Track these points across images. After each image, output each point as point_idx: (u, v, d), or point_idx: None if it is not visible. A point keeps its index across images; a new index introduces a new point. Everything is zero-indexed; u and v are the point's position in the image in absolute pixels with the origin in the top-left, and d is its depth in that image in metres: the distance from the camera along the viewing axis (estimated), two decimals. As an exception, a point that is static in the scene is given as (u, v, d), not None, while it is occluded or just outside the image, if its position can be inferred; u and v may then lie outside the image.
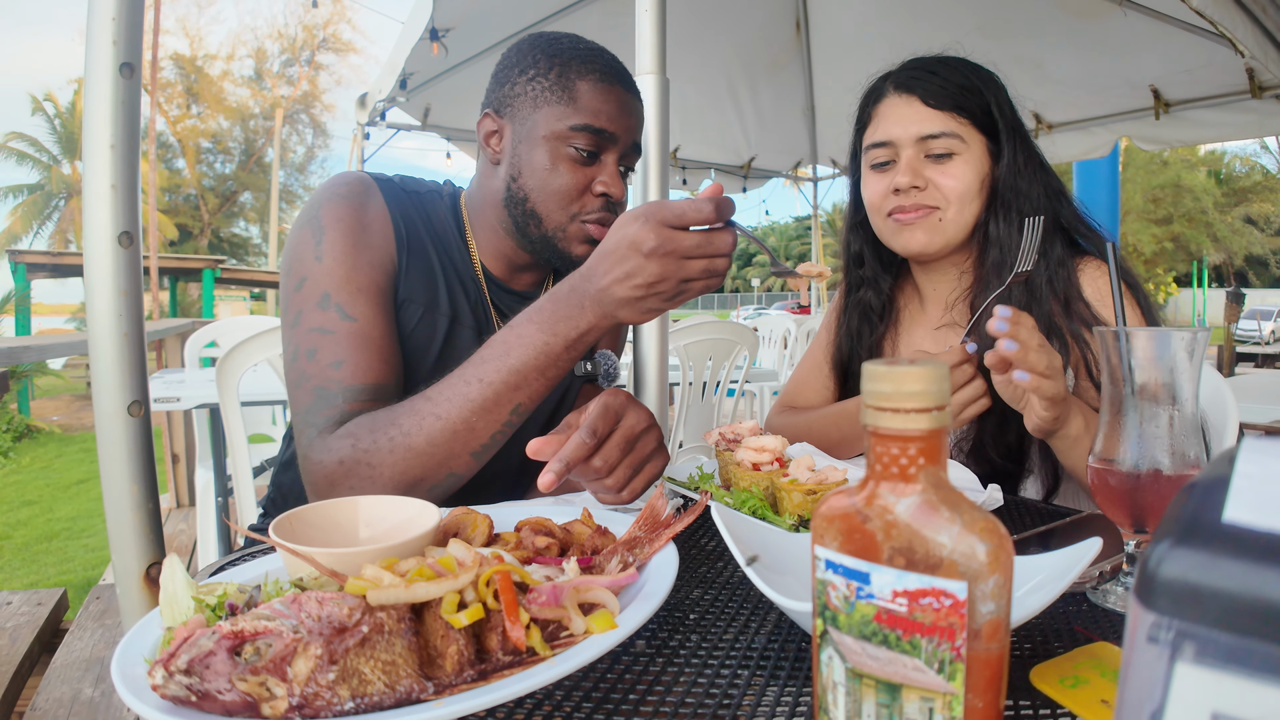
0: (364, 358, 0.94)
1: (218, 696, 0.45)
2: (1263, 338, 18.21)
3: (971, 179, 1.11)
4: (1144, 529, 0.66)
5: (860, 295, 1.30)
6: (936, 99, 1.10)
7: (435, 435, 0.86)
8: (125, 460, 0.93)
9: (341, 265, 0.96)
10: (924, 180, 1.11)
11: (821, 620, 0.39)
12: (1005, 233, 1.11)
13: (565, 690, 0.54)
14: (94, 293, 0.90)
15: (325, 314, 0.95)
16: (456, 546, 0.58)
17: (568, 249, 1.06)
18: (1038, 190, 1.12)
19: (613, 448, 0.81)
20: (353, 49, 39.68)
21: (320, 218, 0.99)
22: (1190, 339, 0.64)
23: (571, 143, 1.02)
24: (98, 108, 0.89)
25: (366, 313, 0.96)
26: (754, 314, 26.64)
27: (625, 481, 0.83)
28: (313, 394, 0.93)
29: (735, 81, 4.84)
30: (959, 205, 1.11)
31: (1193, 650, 0.25)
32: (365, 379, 0.93)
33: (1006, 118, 1.13)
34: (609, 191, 1.04)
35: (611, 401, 0.82)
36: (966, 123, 1.11)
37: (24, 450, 7.74)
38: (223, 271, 13.59)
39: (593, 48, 1.07)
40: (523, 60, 1.06)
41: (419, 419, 0.86)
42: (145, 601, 0.94)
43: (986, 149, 1.12)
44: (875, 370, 0.37)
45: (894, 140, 1.13)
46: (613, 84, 1.04)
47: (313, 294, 0.96)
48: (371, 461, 0.86)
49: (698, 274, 0.81)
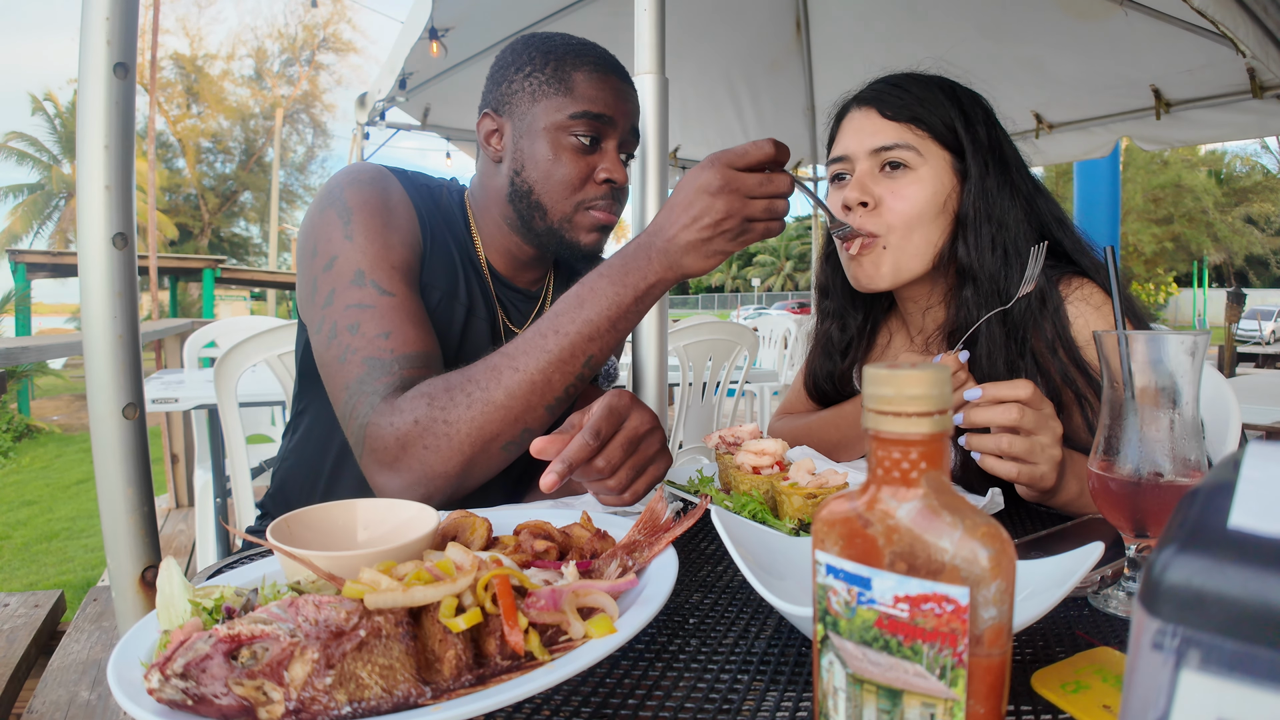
0: (410, 329, 0.95)
1: (214, 700, 0.45)
2: (1263, 338, 18.23)
3: (924, 198, 1.03)
4: (1145, 533, 0.66)
5: (825, 327, 1.26)
6: (894, 110, 1.05)
7: (514, 388, 0.87)
8: (120, 463, 0.93)
9: (374, 244, 0.97)
10: (873, 198, 1.04)
11: (822, 625, 0.39)
12: (975, 260, 1.03)
13: (564, 695, 0.53)
14: (89, 294, 0.90)
15: (363, 290, 0.95)
16: (455, 550, 0.57)
17: (575, 238, 1.08)
18: (1016, 216, 1.04)
19: (616, 449, 0.81)
20: (353, 49, 39.72)
21: (345, 199, 0.99)
22: (1191, 342, 0.64)
23: (572, 131, 1.04)
24: (92, 108, 0.88)
25: (403, 289, 0.97)
26: (754, 314, 26.66)
27: (627, 483, 0.83)
28: (364, 365, 0.92)
29: (735, 81, 4.83)
30: (904, 230, 1.03)
31: (1198, 657, 0.24)
32: (417, 347, 0.94)
33: (980, 137, 1.05)
34: (612, 177, 1.06)
35: (616, 402, 0.82)
36: (925, 135, 1.04)
37: (24, 450, 7.74)
38: (223, 271, 13.59)
39: (584, 42, 1.09)
40: (518, 59, 1.08)
41: (496, 374, 0.88)
42: (141, 605, 0.94)
43: (951, 167, 1.05)
44: (877, 374, 0.36)
45: (849, 154, 1.07)
46: (607, 73, 1.06)
47: (346, 272, 0.96)
48: (449, 419, 0.87)
49: (760, 213, 0.86)
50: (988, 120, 1.08)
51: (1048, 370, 1.01)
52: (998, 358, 1.02)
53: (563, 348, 0.88)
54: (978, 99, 1.10)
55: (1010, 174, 1.06)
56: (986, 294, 1.03)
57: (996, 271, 1.03)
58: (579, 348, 0.88)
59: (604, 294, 0.89)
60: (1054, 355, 1.00)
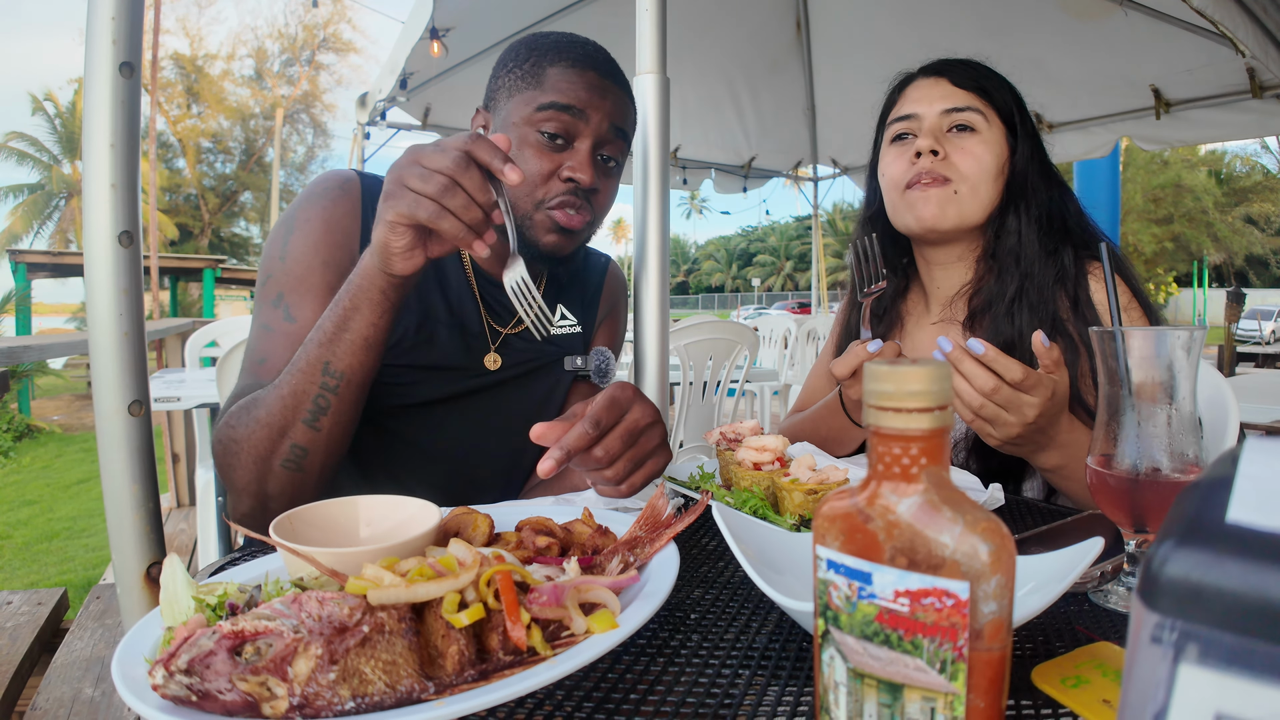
0: (282, 359, 0.96)
1: (218, 696, 0.45)
2: (1263, 337, 18.22)
3: (989, 161, 1.13)
4: (1144, 528, 0.66)
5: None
6: (963, 80, 1.15)
7: (273, 404, 0.89)
8: (125, 460, 0.93)
9: (299, 265, 1.00)
10: (943, 150, 1.13)
11: (823, 620, 0.39)
12: (1017, 227, 1.13)
13: (566, 690, 0.54)
14: (94, 292, 0.90)
15: (274, 312, 0.99)
16: (457, 546, 0.58)
17: (537, 239, 1.05)
18: (1046, 189, 1.15)
19: (615, 439, 0.82)
20: (353, 49, 39.69)
21: (294, 217, 1.02)
22: (1186, 337, 0.64)
23: (540, 127, 1.01)
24: (97, 107, 0.88)
25: (308, 316, 0.98)
26: (754, 314, 26.61)
27: (625, 475, 0.83)
28: (240, 380, 0.99)
29: (735, 81, 4.83)
30: (974, 183, 1.12)
31: (1196, 651, 0.25)
32: (272, 378, 0.95)
33: (1027, 120, 1.17)
34: (575, 176, 1.01)
35: (618, 394, 0.83)
36: (988, 106, 1.14)
37: (24, 450, 7.74)
38: (223, 271, 13.60)
39: (575, 39, 1.06)
40: (509, 57, 1.08)
41: (266, 393, 0.90)
42: (145, 601, 0.94)
43: (1005, 139, 1.15)
44: (877, 370, 0.37)
45: (918, 113, 1.16)
46: (585, 68, 1.03)
47: (271, 292, 1.00)
48: (235, 437, 0.90)
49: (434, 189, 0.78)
50: (1024, 104, 1.19)
51: (1069, 334, 1.08)
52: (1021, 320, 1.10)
53: (303, 360, 0.88)
54: (1013, 87, 1.20)
55: (1042, 151, 1.18)
56: (1023, 259, 1.12)
57: (1032, 238, 1.12)
58: (315, 356, 0.88)
59: (337, 300, 0.88)
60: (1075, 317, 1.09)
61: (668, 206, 1.45)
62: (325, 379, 0.88)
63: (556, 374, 1.20)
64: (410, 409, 1.08)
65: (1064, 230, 1.14)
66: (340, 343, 0.87)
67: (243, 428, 0.90)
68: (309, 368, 0.88)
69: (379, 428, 1.07)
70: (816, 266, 7.59)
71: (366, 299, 0.87)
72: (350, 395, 0.89)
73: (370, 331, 0.88)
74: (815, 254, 7.54)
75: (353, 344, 0.87)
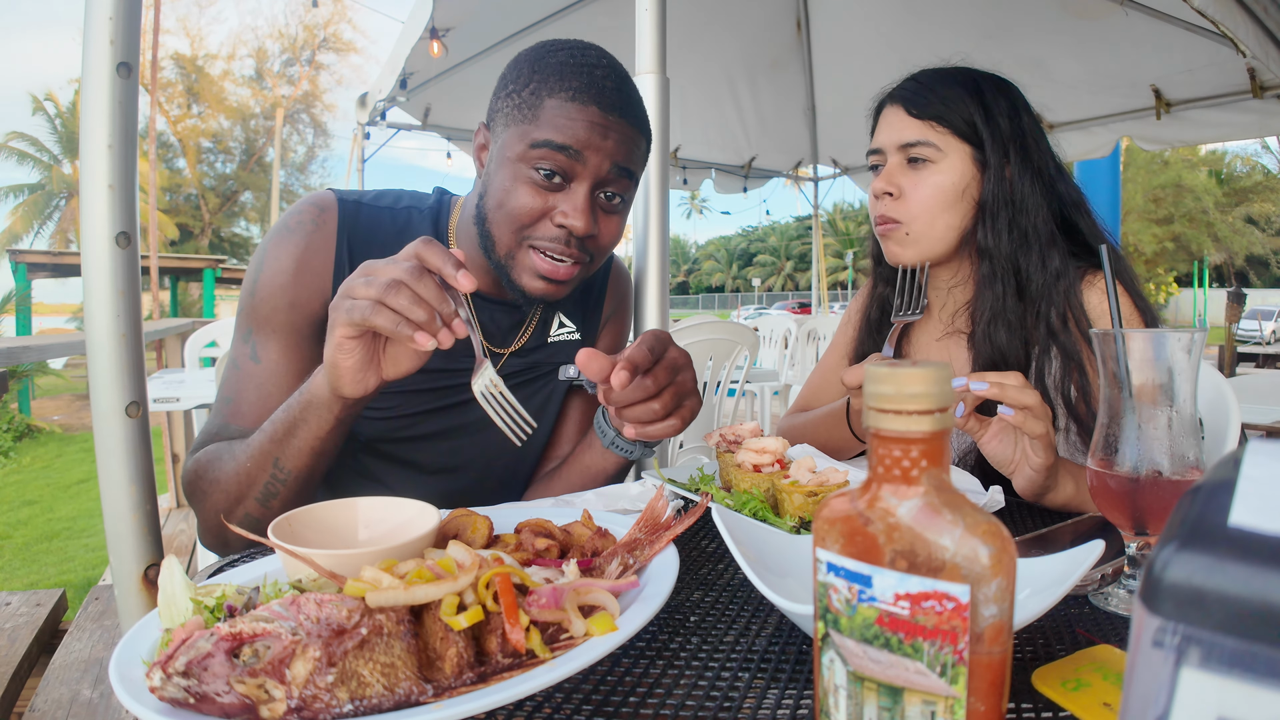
0: (248, 402, 0.98)
1: (216, 699, 0.45)
2: (1264, 338, 18.20)
3: (942, 189, 1.12)
4: (1144, 531, 0.66)
5: (881, 290, 1.33)
6: (918, 109, 1.14)
7: (229, 476, 0.89)
8: (123, 461, 0.93)
9: (265, 305, 0.99)
10: (897, 188, 1.14)
11: (823, 623, 0.39)
12: (993, 241, 1.12)
13: (565, 693, 0.54)
14: (92, 293, 0.90)
15: (244, 347, 1.00)
16: (456, 548, 0.58)
17: (518, 280, 0.98)
18: (1036, 201, 1.12)
19: (663, 370, 0.86)
20: (353, 49, 39.69)
21: (267, 251, 1.01)
22: (1187, 340, 0.64)
23: (536, 164, 0.93)
24: (95, 107, 0.88)
25: (273, 358, 0.99)
26: (754, 314, 26.62)
27: (672, 408, 0.87)
28: (210, 414, 1.01)
29: (735, 81, 4.83)
30: (927, 219, 1.13)
31: (1198, 655, 0.24)
32: (238, 422, 0.97)
33: (1000, 128, 1.12)
34: (566, 223, 0.94)
35: (659, 334, 0.87)
36: (945, 132, 1.12)
37: (24, 450, 7.75)
38: (223, 271, 13.60)
39: (582, 62, 0.96)
40: (511, 73, 1.00)
41: (225, 461, 0.91)
42: (144, 603, 0.94)
43: (972, 158, 1.13)
44: (877, 372, 0.36)
45: (881, 147, 1.18)
46: (587, 102, 0.93)
47: (243, 324, 1.01)
48: (201, 486, 0.92)
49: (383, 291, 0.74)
50: (1012, 110, 1.14)
51: (1063, 346, 1.08)
52: (1016, 334, 1.11)
53: (258, 446, 0.87)
54: (1004, 90, 1.16)
55: (1032, 159, 1.14)
56: (1003, 272, 1.12)
57: (1012, 252, 1.12)
58: (267, 450, 0.87)
59: (288, 404, 0.87)
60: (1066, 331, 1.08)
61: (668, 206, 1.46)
62: (275, 471, 0.87)
63: (553, 383, 1.18)
64: (403, 427, 1.07)
65: (1068, 234, 1.14)
66: (289, 445, 0.86)
67: (205, 480, 0.91)
68: (261, 456, 0.87)
69: (372, 447, 1.06)
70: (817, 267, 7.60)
71: (315, 415, 0.84)
72: (299, 486, 0.89)
73: (317, 443, 0.86)
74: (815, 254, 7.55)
75: (300, 450, 0.86)
